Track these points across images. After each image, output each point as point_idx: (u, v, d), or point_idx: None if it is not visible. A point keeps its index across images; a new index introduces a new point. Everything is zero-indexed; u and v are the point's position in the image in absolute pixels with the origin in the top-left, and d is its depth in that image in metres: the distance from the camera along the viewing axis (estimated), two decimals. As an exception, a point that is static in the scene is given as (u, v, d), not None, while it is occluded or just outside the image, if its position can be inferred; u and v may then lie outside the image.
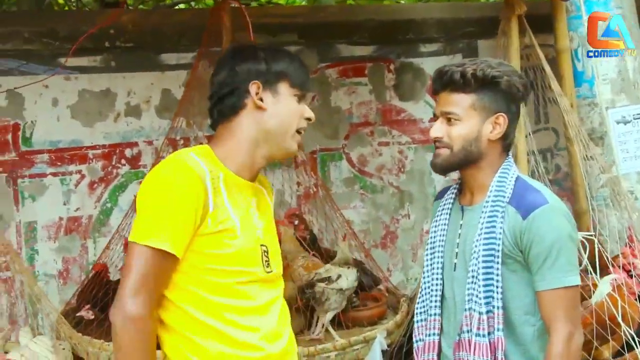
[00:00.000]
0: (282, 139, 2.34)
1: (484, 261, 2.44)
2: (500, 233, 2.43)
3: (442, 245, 2.61)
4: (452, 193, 2.67)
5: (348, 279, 3.67)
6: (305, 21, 4.90)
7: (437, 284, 2.60)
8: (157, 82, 4.61)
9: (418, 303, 2.66)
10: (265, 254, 2.33)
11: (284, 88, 2.34)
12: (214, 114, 2.37)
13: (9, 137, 4.34)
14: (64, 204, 4.42)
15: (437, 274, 2.60)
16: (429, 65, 5.06)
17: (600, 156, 4.11)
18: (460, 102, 2.49)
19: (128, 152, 4.56)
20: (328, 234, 4.53)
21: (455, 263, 2.56)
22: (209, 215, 2.19)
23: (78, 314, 3.65)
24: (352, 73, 5.00)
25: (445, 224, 2.63)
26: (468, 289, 2.47)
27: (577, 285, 2.44)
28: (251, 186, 2.37)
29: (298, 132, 2.37)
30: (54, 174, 4.40)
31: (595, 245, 3.46)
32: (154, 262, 2.13)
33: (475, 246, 2.46)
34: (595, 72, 4.14)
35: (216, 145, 2.34)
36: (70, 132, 4.44)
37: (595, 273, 3.43)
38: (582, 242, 3.40)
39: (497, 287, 2.43)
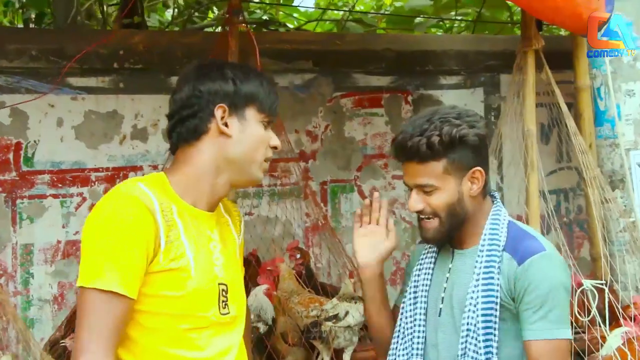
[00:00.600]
0: (246, 167, 2.18)
1: (483, 314, 2.30)
2: (497, 284, 2.31)
3: (426, 290, 2.47)
4: None
5: (354, 315, 3.56)
6: (321, 48, 4.78)
7: (419, 330, 2.45)
8: (166, 105, 4.42)
9: (396, 348, 2.50)
10: (224, 293, 2.15)
11: (251, 113, 2.17)
12: (173, 137, 2.20)
13: (10, 156, 4.22)
14: (63, 227, 4.28)
15: (420, 319, 2.46)
16: (449, 98, 4.91)
17: (619, 199, 3.93)
18: (432, 171, 2.35)
19: (132, 176, 4.42)
20: (335, 268, 4.39)
21: (440, 308, 2.43)
22: (162, 252, 2.02)
23: (62, 343, 3.53)
24: (368, 103, 4.87)
25: (430, 267, 2.50)
26: (463, 342, 2.33)
27: (569, 340, 2.31)
28: (212, 217, 2.20)
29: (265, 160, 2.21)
30: (55, 196, 4.27)
31: (606, 295, 3.30)
32: (104, 307, 1.95)
33: (472, 297, 2.33)
34: (616, 112, 3.95)
35: (172, 172, 2.17)
36: (73, 154, 4.31)
37: (605, 324, 3.26)
38: (591, 290, 3.25)
39: (495, 341, 2.30)
